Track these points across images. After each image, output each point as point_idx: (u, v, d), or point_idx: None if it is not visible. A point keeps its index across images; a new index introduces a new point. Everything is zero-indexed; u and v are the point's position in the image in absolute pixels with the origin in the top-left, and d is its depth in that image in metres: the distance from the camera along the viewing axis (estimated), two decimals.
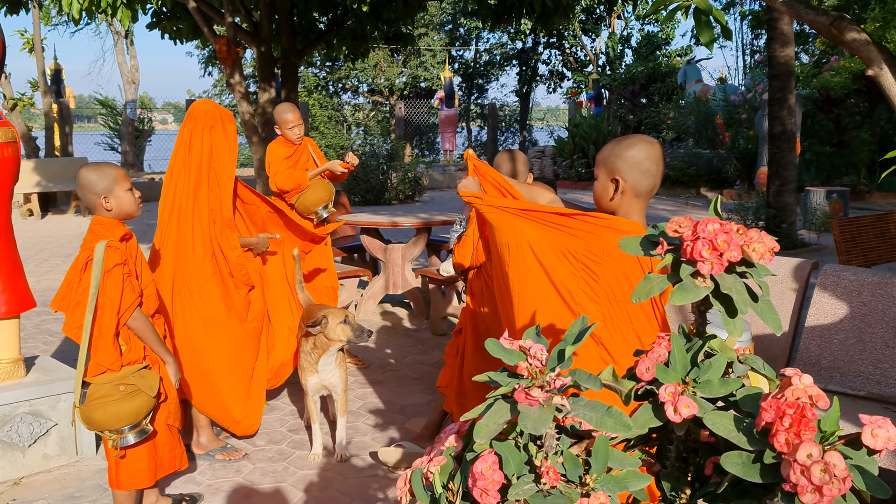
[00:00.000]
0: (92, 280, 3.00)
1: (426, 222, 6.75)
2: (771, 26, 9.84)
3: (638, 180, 2.49)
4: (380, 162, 15.89)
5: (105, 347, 3.06)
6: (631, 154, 2.49)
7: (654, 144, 2.50)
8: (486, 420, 1.21)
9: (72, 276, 3.08)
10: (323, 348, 3.95)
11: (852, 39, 3.31)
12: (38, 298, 7.34)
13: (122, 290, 3.04)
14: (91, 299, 3.00)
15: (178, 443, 3.41)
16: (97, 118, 29.22)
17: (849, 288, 3.65)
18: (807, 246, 9.92)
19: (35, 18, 16.97)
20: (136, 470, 3.21)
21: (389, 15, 8.94)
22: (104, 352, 3.06)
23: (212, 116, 4.04)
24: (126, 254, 3.10)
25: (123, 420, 3.06)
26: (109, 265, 3.01)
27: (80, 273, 3.04)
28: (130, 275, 3.10)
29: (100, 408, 3.04)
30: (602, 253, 2.38)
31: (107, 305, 3.02)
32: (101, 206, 3.13)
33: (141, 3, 7.02)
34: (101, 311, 3.03)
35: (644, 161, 2.48)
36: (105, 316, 3.03)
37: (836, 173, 14.87)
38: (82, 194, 3.15)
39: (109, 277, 3.02)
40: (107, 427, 3.07)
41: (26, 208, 14.42)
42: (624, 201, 2.54)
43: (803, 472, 1.10)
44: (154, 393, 3.12)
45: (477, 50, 31.57)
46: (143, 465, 3.21)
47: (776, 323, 1.35)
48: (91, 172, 3.13)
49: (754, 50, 27.94)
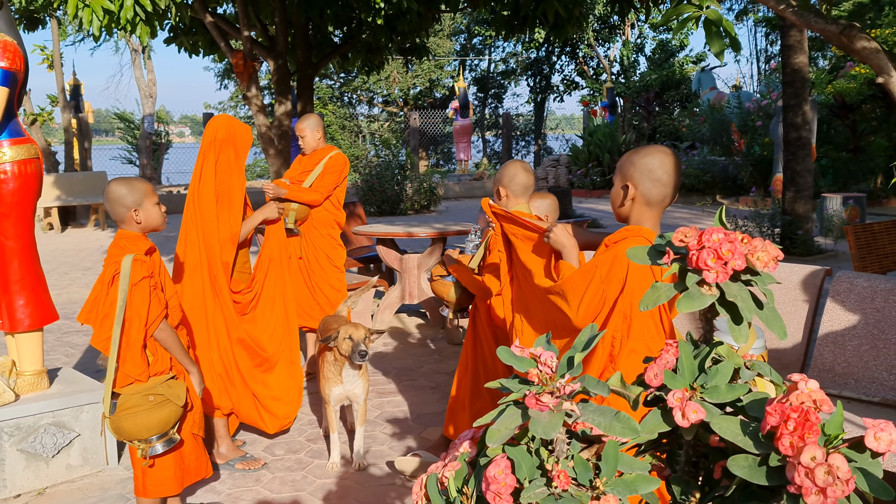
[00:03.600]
0: (119, 293, 3.06)
1: (441, 232, 6.79)
2: (784, 34, 9.85)
3: (649, 188, 2.52)
4: (395, 172, 15.96)
5: (133, 359, 3.12)
6: (644, 162, 2.53)
7: (669, 155, 2.53)
8: (499, 425, 1.25)
9: (99, 290, 3.14)
10: (343, 360, 4.00)
11: (862, 48, 3.33)
12: (59, 312, 7.43)
13: (149, 302, 3.11)
14: (119, 312, 3.06)
15: (203, 451, 3.47)
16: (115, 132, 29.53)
17: (862, 294, 3.66)
18: (823, 252, 9.89)
19: (54, 34, 17.18)
20: (164, 478, 3.26)
21: (404, 27, 9.01)
22: (132, 363, 3.13)
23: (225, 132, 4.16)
24: (152, 267, 3.17)
25: (152, 430, 3.12)
26: (137, 278, 3.08)
27: (108, 286, 3.10)
28: (156, 287, 3.17)
29: (130, 418, 3.09)
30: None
31: (134, 318, 3.09)
32: (130, 220, 3.20)
33: (159, 19, 7.12)
34: (128, 324, 3.09)
35: (657, 170, 2.51)
36: (133, 328, 3.09)
37: (853, 179, 14.81)
38: (111, 207, 3.21)
39: (137, 290, 3.08)
40: (136, 436, 3.12)
41: (46, 222, 14.58)
42: (635, 209, 2.57)
43: (807, 474, 1.13)
44: (182, 403, 3.18)
45: (491, 59, 31.65)
46: (169, 473, 3.27)
47: (781, 330, 1.38)
48: (121, 186, 3.20)
49: (769, 56, 27.89)
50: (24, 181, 3.81)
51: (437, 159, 29.79)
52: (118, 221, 3.24)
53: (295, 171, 5.51)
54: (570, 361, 1.28)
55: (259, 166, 27.37)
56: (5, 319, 3.89)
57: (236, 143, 4.17)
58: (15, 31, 3.89)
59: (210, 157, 4.12)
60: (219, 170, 4.13)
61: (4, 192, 3.77)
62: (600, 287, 2.49)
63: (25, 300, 3.90)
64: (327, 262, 5.48)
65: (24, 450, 3.83)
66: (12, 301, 3.87)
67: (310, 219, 5.41)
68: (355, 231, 7.00)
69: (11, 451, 3.81)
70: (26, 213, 3.87)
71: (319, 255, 5.47)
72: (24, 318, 3.90)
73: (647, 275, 2.44)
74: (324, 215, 5.45)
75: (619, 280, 2.47)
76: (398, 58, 11.85)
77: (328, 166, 5.42)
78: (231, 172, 4.15)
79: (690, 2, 3.33)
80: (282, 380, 4.33)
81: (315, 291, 5.46)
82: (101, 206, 14.75)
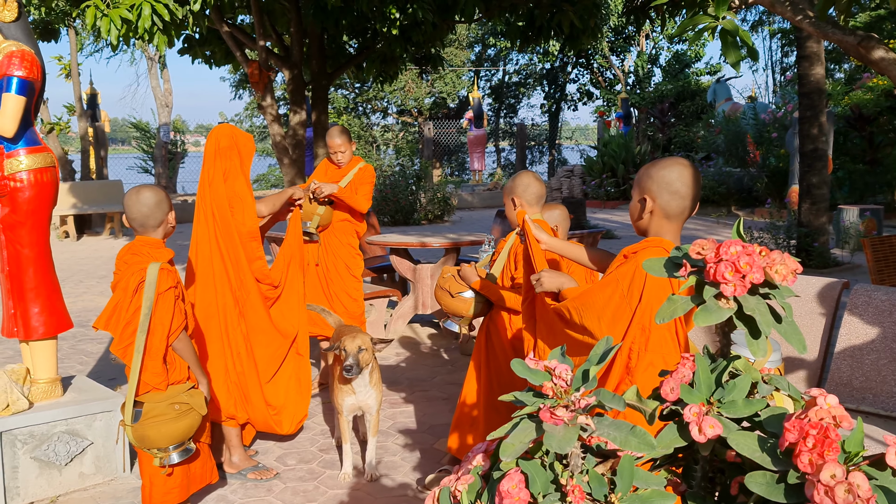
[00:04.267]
0: (144, 301, 3.07)
1: (455, 242, 6.79)
2: (800, 45, 9.81)
3: (667, 201, 2.50)
4: (409, 182, 15.98)
5: (153, 367, 3.14)
6: (662, 174, 2.50)
7: (688, 167, 2.50)
8: (512, 439, 1.23)
9: (121, 297, 3.14)
10: (367, 369, 3.98)
11: (880, 58, 3.31)
12: (74, 320, 7.45)
13: (172, 312, 3.12)
14: (143, 320, 3.06)
15: (209, 457, 3.48)
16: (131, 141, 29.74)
17: (880, 308, 3.62)
18: (840, 265, 9.82)
19: (72, 45, 17.32)
20: (170, 488, 3.26)
21: (418, 38, 9.04)
22: (152, 371, 3.15)
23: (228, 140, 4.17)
24: (177, 276, 3.19)
25: (175, 438, 3.13)
26: (163, 287, 3.10)
27: (132, 294, 3.10)
28: (179, 297, 3.19)
29: (155, 426, 3.11)
30: None
31: (158, 327, 3.10)
32: (165, 225, 3.27)
33: (176, 29, 7.17)
34: (151, 333, 3.10)
35: (675, 182, 2.48)
36: (155, 337, 3.11)
37: (870, 191, 14.71)
38: (149, 212, 3.22)
39: (162, 300, 3.10)
40: (158, 445, 3.13)
41: (62, 230, 14.67)
42: (654, 222, 2.55)
43: (827, 492, 1.11)
44: (204, 412, 3.20)
45: (505, 71, 31.71)
46: (176, 482, 3.27)
47: (801, 344, 1.36)
48: (159, 192, 3.27)
49: (784, 68, 27.80)
50: (40, 189, 3.83)
51: (451, 169, 29.83)
52: (147, 227, 3.25)
53: (321, 178, 5.48)
54: (585, 374, 1.27)
55: (273, 175, 27.50)
56: (20, 327, 3.91)
57: (240, 150, 4.17)
58: (33, 41, 3.91)
59: (219, 164, 4.11)
60: (227, 177, 4.14)
61: (20, 201, 3.79)
62: (624, 301, 2.47)
63: (40, 308, 3.91)
64: (346, 270, 5.48)
65: (37, 457, 3.84)
66: (27, 309, 3.89)
67: (330, 227, 5.41)
68: (369, 241, 7.01)
69: (25, 458, 3.82)
70: (42, 221, 3.89)
71: (338, 264, 5.47)
72: (39, 326, 3.92)
73: (664, 286, 2.42)
74: (345, 224, 5.47)
75: (638, 291, 2.45)
76: (413, 68, 11.87)
77: (361, 177, 5.45)
78: (238, 178, 4.15)
79: (706, 12, 3.32)
80: (289, 376, 4.30)
81: (332, 300, 5.45)
82: (117, 215, 14.83)
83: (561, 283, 2.85)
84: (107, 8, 6.40)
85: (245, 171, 4.21)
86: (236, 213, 4.12)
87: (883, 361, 3.55)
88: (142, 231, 3.26)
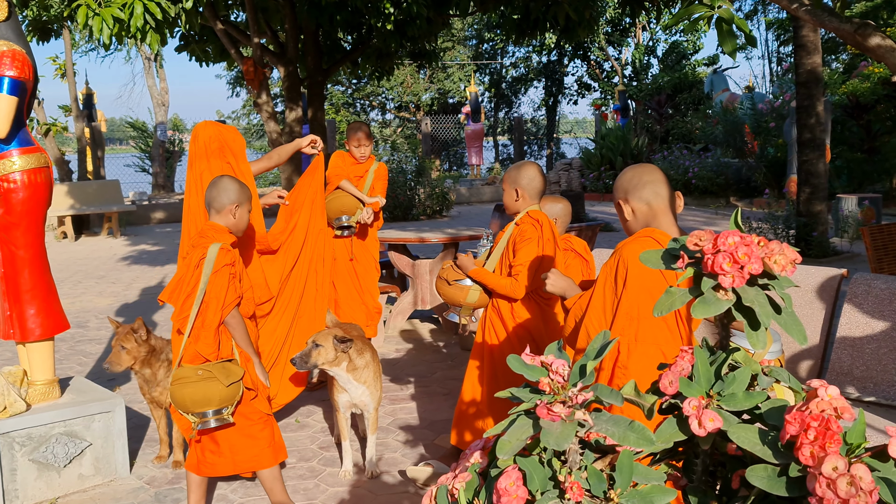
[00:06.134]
0: (202, 276, 3.29)
1: (453, 238, 6.77)
2: (797, 34, 9.78)
3: (639, 196, 2.66)
4: (407, 178, 15.95)
5: (206, 338, 3.32)
6: (627, 177, 2.69)
7: (642, 165, 2.68)
8: (509, 436, 1.21)
9: (184, 272, 3.36)
10: (338, 367, 3.92)
11: (877, 46, 3.29)
12: (72, 320, 7.44)
13: (227, 288, 3.32)
14: (199, 294, 3.29)
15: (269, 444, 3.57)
16: (128, 141, 29.69)
17: (880, 297, 3.60)
18: (839, 254, 9.80)
19: (67, 45, 17.26)
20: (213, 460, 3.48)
21: (413, 33, 9.01)
22: (205, 342, 3.32)
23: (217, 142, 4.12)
24: (235, 257, 3.40)
25: (196, 402, 3.25)
26: (220, 265, 3.30)
27: (194, 269, 3.32)
28: (235, 276, 3.36)
29: (179, 388, 3.27)
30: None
31: (213, 300, 3.30)
32: (227, 213, 3.47)
33: (169, 27, 7.13)
34: (206, 305, 3.30)
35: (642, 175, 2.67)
36: (210, 309, 3.30)
37: (868, 180, 14.68)
38: (216, 195, 3.46)
39: (218, 276, 3.30)
40: (183, 406, 3.28)
41: (60, 231, 14.65)
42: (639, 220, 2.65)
43: (829, 485, 1.09)
44: (228, 383, 3.29)
45: (502, 64, 31.65)
46: (221, 458, 3.46)
47: (801, 335, 1.35)
48: (234, 181, 3.52)
49: (780, 58, 27.76)
50: (34, 190, 3.81)
51: (449, 164, 29.78)
52: (211, 209, 3.49)
53: (346, 172, 5.47)
54: (582, 370, 1.25)
55: (272, 173, 27.42)
56: (16, 329, 3.89)
57: (232, 147, 4.12)
58: (24, 40, 3.87)
59: (214, 163, 4.06)
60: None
61: (14, 202, 3.76)
62: (600, 294, 2.54)
63: (36, 310, 3.89)
64: (373, 263, 5.62)
65: (35, 459, 3.82)
66: (23, 311, 3.87)
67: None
68: None
69: (23, 460, 3.80)
70: (36, 222, 3.86)
71: (368, 258, 5.58)
72: (35, 328, 3.90)
73: (649, 274, 2.42)
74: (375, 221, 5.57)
75: (621, 280, 2.46)
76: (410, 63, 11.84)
77: (380, 174, 5.60)
78: (245, 180, 4.09)
79: (702, 2, 3.30)
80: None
81: (363, 294, 5.54)
82: (115, 215, 14.80)
83: (564, 288, 2.92)
84: (98, 7, 6.37)
85: (242, 169, 4.15)
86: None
87: (883, 350, 3.53)
88: (212, 215, 3.50)
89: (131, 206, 15.69)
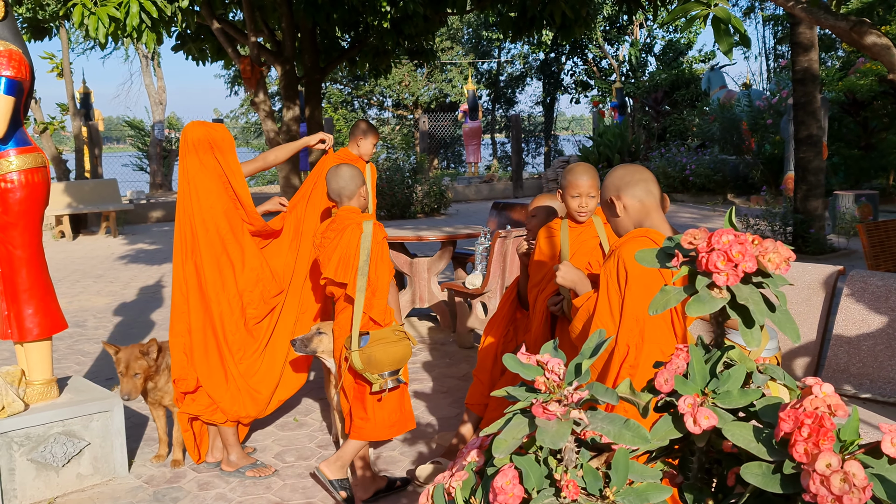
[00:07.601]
0: (362, 251, 3.58)
1: (451, 235, 6.77)
2: (794, 31, 9.79)
3: (631, 193, 2.69)
4: (405, 176, 15.94)
5: (380, 305, 3.60)
6: (617, 175, 2.72)
7: (628, 164, 2.73)
8: (505, 435, 1.22)
9: (346, 250, 3.62)
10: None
11: (873, 43, 3.30)
12: (70, 319, 7.44)
13: (387, 256, 3.64)
14: (363, 265, 3.56)
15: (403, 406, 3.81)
16: (126, 139, 29.65)
17: (877, 293, 3.61)
18: (836, 251, 9.82)
19: (63, 43, 17.23)
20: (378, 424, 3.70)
21: (410, 31, 9.00)
22: (379, 307, 3.59)
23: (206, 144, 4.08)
24: (384, 231, 3.70)
25: (396, 361, 3.52)
26: (378, 237, 3.63)
27: (357, 246, 3.59)
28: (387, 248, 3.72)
29: (381, 346, 3.51)
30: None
31: (383, 269, 3.61)
32: (358, 196, 3.79)
33: (166, 26, 7.12)
34: (376, 274, 3.58)
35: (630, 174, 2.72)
36: (382, 278, 3.60)
37: (865, 176, 14.70)
38: (345, 184, 3.74)
39: (380, 246, 3.63)
40: (382, 365, 3.50)
41: (58, 230, 14.63)
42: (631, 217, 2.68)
43: (823, 481, 1.10)
44: (412, 346, 3.62)
45: (499, 62, 31.63)
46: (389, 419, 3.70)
47: (794, 333, 1.35)
48: (352, 168, 3.79)
49: (777, 55, 27.76)
50: (31, 190, 3.81)
51: (446, 162, 29.77)
52: (343, 197, 3.77)
53: None
54: (577, 368, 1.26)
55: (270, 172, 27.39)
56: (14, 329, 3.89)
57: (220, 146, 4.08)
58: (20, 39, 3.87)
59: (208, 160, 4.04)
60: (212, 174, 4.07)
61: (11, 202, 3.77)
62: (605, 296, 2.53)
63: (34, 309, 3.89)
64: None
65: (34, 459, 3.83)
66: (21, 310, 3.87)
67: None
68: None
69: (21, 460, 3.80)
70: (34, 221, 3.86)
71: None
72: (33, 328, 3.90)
73: (648, 273, 2.42)
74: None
75: (623, 281, 2.47)
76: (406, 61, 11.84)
77: (373, 176, 5.53)
78: (235, 175, 4.08)
79: (698, 0, 3.30)
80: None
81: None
82: (113, 214, 14.78)
83: (574, 281, 2.93)
84: (94, 6, 6.36)
85: (232, 167, 4.09)
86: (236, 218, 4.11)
87: (880, 347, 3.54)
88: (339, 202, 3.78)
89: (129, 205, 15.66)
